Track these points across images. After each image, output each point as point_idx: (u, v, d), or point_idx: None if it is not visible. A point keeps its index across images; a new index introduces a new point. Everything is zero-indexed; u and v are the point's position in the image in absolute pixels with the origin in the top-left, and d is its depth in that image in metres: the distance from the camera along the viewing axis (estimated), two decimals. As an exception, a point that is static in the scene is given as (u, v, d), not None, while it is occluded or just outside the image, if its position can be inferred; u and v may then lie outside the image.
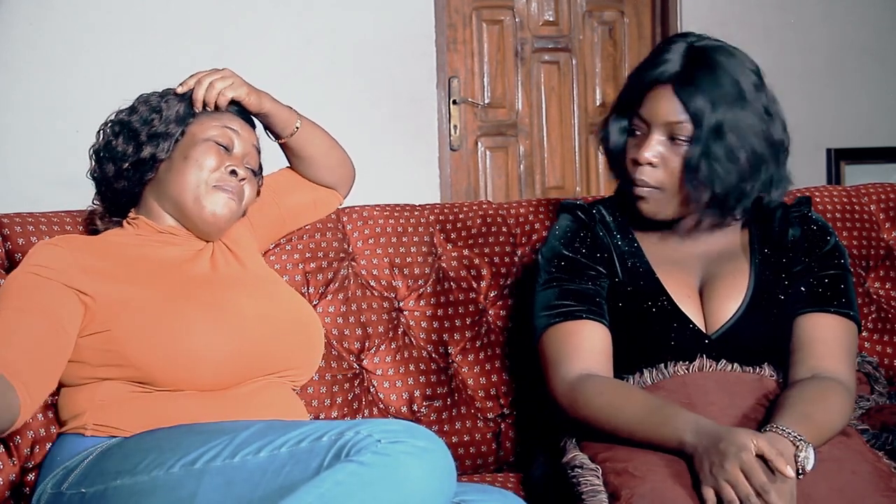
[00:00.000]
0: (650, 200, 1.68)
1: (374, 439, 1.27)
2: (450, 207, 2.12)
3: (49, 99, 3.41)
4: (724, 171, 1.62)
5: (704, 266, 1.73)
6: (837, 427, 1.57)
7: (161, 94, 1.74)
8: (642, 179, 1.67)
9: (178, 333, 1.55)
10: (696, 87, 1.62)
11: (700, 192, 1.64)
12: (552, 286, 1.73)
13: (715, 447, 1.44)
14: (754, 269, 1.71)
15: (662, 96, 1.65)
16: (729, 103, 1.61)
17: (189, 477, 1.35)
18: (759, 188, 1.66)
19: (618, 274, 1.73)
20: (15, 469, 1.59)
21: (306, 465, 1.29)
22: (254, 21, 3.70)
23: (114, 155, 1.70)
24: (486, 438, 1.96)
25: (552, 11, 4.24)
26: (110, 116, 1.74)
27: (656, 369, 1.66)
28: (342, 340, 1.92)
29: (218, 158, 1.68)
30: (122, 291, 1.57)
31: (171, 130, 1.69)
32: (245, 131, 1.74)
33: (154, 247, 1.68)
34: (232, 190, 1.68)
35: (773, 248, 1.74)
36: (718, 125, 1.61)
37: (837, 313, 1.69)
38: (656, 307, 1.68)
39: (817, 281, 1.71)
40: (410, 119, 3.91)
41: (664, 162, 1.66)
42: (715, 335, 1.67)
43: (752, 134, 1.62)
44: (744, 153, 1.62)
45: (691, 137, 1.63)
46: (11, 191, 3.33)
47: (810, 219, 1.77)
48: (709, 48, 1.67)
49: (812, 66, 4.43)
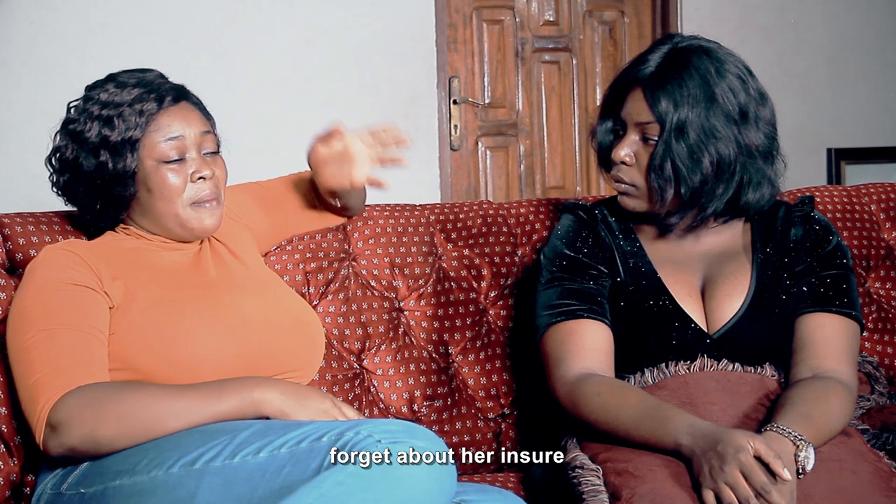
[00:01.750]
0: (629, 196, 1.73)
1: (375, 440, 1.27)
2: (450, 207, 2.12)
3: (49, 99, 3.39)
4: (687, 170, 1.64)
5: (706, 265, 1.73)
6: (838, 427, 1.57)
7: (95, 115, 1.62)
8: (618, 177, 1.72)
9: (179, 335, 1.55)
10: (663, 88, 1.65)
11: (665, 190, 1.66)
12: (554, 286, 1.73)
13: (713, 449, 1.44)
14: (756, 268, 1.72)
15: (635, 97, 1.69)
16: (693, 105, 1.63)
17: (188, 477, 1.35)
18: (733, 189, 1.66)
19: (620, 274, 1.73)
20: (15, 469, 1.59)
21: (306, 465, 1.29)
22: (254, 21, 3.70)
23: (78, 199, 1.66)
24: (487, 438, 1.96)
25: (552, 11, 4.24)
26: (49, 156, 1.65)
27: (657, 369, 1.66)
28: (342, 340, 1.92)
29: (177, 176, 1.62)
30: (126, 294, 1.57)
31: (127, 166, 1.60)
32: (189, 122, 1.64)
33: (153, 250, 1.68)
34: (209, 196, 1.65)
35: (776, 247, 1.74)
36: (680, 126, 1.63)
37: (840, 313, 1.69)
38: (658, 307, 1.69)
39: (819, 281, 1.71)
40: (411, 119, 3.91)
41: (637, 161, 1.69)
42: (716, 334, 1.68)
43: (718, 136, 1.63)
44: (707, 154, 1.63)
45: (657, 138, 1.66)
46: (11, 191, 3.33)
47: (813, 218, 1.77)
48: (689, 49, 1.68)
49: (812, 66, 4.43)
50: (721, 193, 1.66)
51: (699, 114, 1.63)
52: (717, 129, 1.63)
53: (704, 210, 1.68)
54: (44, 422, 1.42)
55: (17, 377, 1.50)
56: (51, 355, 1.47)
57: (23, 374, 1.48)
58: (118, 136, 1.60)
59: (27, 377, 1.47)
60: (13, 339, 1.52)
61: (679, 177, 1.65)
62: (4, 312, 1.63)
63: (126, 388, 1.46)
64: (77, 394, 1.43)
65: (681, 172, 1.64)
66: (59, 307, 1.51)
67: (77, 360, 1.47)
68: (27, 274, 1.59)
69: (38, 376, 1.45)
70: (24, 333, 1.50)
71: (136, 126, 1.60)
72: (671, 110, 1.64)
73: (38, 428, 1.43)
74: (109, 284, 1.57)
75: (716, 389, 1.61)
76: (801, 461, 1.46)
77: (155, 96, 1.63)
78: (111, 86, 1.65)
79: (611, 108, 1.76)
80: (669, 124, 1.64)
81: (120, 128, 1.60)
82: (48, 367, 1.46)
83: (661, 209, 1.70)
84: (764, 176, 1.68)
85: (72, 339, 1.49)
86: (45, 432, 1.42)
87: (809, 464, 1.47)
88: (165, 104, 1.63)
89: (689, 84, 1.64)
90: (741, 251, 1.75)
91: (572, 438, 1.64)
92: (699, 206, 1.68)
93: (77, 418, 1.41)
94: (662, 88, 1.65)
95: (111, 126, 1.61)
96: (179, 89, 1.68)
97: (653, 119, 1.66)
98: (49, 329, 1.49)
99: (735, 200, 1.68)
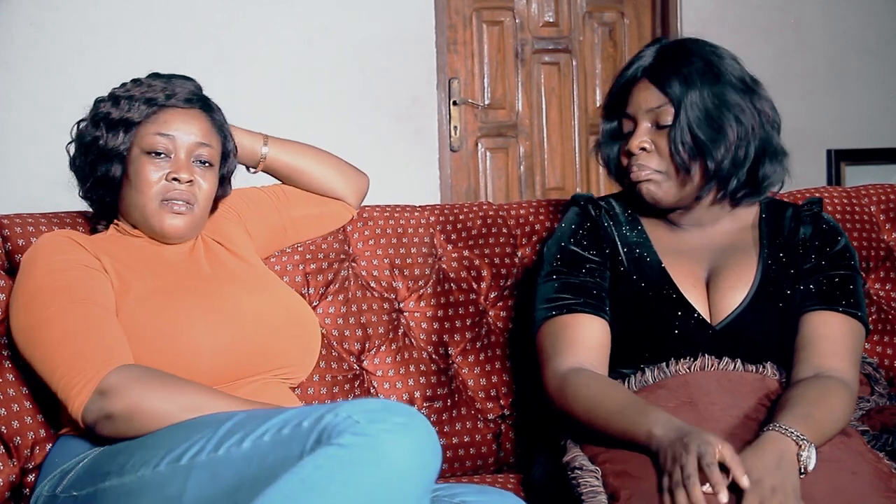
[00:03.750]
0: (652, 183, 1.71)
1: (353, 420, 1.25)
2: (450, 208, 2.11)
3: (49, 99, 3.41)
4: (711, 142, 1.66)
5: (712, 258, 1.74)
6: (838, 427, 1.57)
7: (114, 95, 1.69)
8: (640, 164, 1.71)
9: (174, 329, 1.55)
10: (670, 71, 1.69)
11: (691, 166, 1.67)
12: (552, 279, 1.74)
13: (680, 440, 1.43)
14: (762, 262, 1.72)
15: (641, 89, 1.72)
16: (703, 80, 1.67)
17: (176, 474, 1.35)
18: (752, 158, 1.68)
19: (623, 263, 1.74)
20: (15, 470, 1.59)
21: (289, 451, 1.28)
22: (254, 21, 3.70)
23: (78, 172, 1.71)
24: (487, 439, 1.96)
25: (552, 12, 4.24)
26: (72, 129, 1.72)
27: (658, 368, 1.66)
28: (342, 341, 1.92)
29: (156, 171, 1.64)
30: (121, 284, 1.58)
31: (117, 146, 1.65)
32: (189, 127, 1.67)
33: (144, 246, 1.68)
34: (178, 197, 1.65)
35: (784, 244, 1.75)
36: (695, 99, 1.66)
37: (845, 313, 1.69)
38: (661, 296, 1.69)
39: (826, 280, 1.71)
40: (410, 120, 3.91)
41: (656, 147, 1.70)
42: (719, 326, 1.68)
43: (733, 103, 1.67)
44: (728, 123, 1.66)
45: (674, 119, 1.67)
46: (11, 191, 3.33)
47: (822, 218, 1.78)
48: (682, 40, 1.77)
49: (812, 66, 4.43)
50: (742, 161, 1.67)
51: (712, 87, 1.67)
52: (732, 99, 1.67)
53: (726, 185, 1.69)
54: (93, 385, 1.44)
55: (45, 347, 1.50)
56: (91, 327, 1.49)
57: (56, 343, 1.49)
58: (119, 114, 1.66)
59: (63, 346, 1.48)
60: (29, 316, 1.53)
61: (704, 150, 1.66)
62: (4, 313, 1.63)
63: (176, 376, 1.50)
64: (131, 367, 1.47)
65: (706, 146, 1.66)
66: (82, 284, 1.54)
67: (117, 337, 1.50)
68: (28, 260, 1.60)
69: (82, 345, 1.47)
70: (46, 307, 1.51)
71: (138, 112, 1.66)
72: (682, 88, 1.67)
73: (83, 392, 1.44)
74: (108, 269, 1.59)
75: (717, 390, 1.61)
76: (803, 461, 1.46)
77: (168, 93, 1.68)
78: (148, 78, 1.72)
79: (615, 110, 1.77)
80: (686, 102, 1.66)
81: (123, 108, 1.66)
82: (92, 339, 1.48)
83: (689, 190, 1.70)
84: (778, 147, 1.71)
85: (102, 316, 1.52)
86: (91, 397, 1.44)
87: (811, 463, 1.47)
88: (173, 103, 1.67)
89: (695, 64, 1.68)
90: (748, 245, 1.75)
91: (571, 439, 1.64)
92: (721, 181, 1.69)
93: (128, 387, 1.44)
94: (669, 72, 1.68)
95: (118, 105, 1.67)
96: (201, 99, 1.72)
97: (665, 101, 1.68)
98: (77, 303, 1.51)
99: (755, 172, 1.70)
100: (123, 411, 1.43)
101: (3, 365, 1.61)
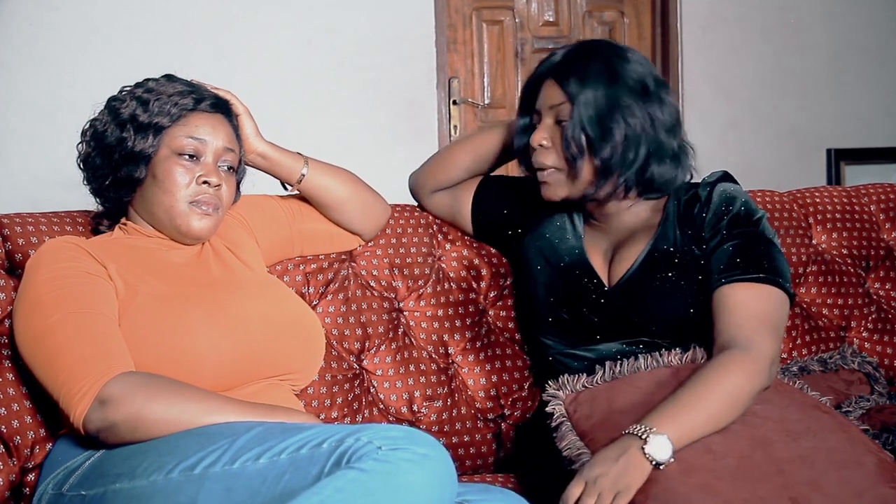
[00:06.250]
0: (549, 182, 1.79)
1: (375, 446, 1.25)
2: (450, 208, 2.11)
3: (49, 99, 3.41)
4: (598, 140, 1.73)
5: (617, 237, 1.84)
6: (737, 405, 1.58)
7: (136, 96, 1.69)
8: (538, 161, 1.79)
9: (179, 334, 1.55)
10: (571, 70, 1.76)
11: (579, 160, 1.74)
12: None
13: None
14: (654, 238, 1.79)
15: (547, 87, 1.79)
16: (599, 80, 1.74)
17: (188, 483, 1.34)
18: (641, 159, 1.74)
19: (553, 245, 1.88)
20: (15, 469, 1.59)
21: (306, 472, 1.27)
22: (254, 21, 3.70)
23: (94, 171, 1.70)
24: (487, 439, 1.96)
25: (552, 12, 4.24)
26: (85, 126, 1.72)
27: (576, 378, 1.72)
28: (342, 341, 1.92)
29: (187, 174, 1.66)
30: (127, 289, 1.58)
31: (145, 148, 1.65)
32: (216, 132, 1.69)
33: (152, 248, 1.68)
34: (208, 200, 1.66)
35: (682, 224, 1.78)
36: (589, 98, 1.73)
37: (752, 280, 1.70)
38: (576, 266, 1.83)
39: (731, 250, 1.73)
40: (410, 119, 3.91)
41: (554, 144, 1.77)
42: (610, 288, 1.79)
43: (624, 107, 1.73)
44: (616, 124, 1.72)
45: (570, 116, 1.75)
46: (11, 191, 3.33)
47: (716, 190, 1.80)
48: (592, 41, 1.87)
49: (812, 66, 4.43)
50: (631, 161, 1.74)
51: (606, 88, 1.73)
52: (623, 101, 1.73)
53: (618, 181, 1.76)
54: (93, 394, 1.43)
55: (47, 355, 1.49)
56: (93, 335, 1.49)
57: (57, 351, 1.48)
58: (148, 118, 1.66)
59: (64, 354, 1.47)
60: (31, 324, 1.52)
61: (592, 147, 1.73)
62: (4, 313, 1.63)
63: (178, 381, 1.49)
64: (132, 375, 1.46)
65: (594, 142, 1.73)
66: (84, 292, 1.53)
67: (119, 345, 1.50)
68: (31, 267, 1.59)
69: (82, 352, 1.47)
70: (48, 317, 1.51)
71: (168, 115, 1.66)
72: (578, 87, 1.74)
73: (83, 400, 1.44)
74: (113, 276, 1.58)
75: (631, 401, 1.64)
76: (648, 455, 1.48)
77: (195, 97, 1.69)
78: (164, 79, 1.72)
79: (527, 106, 1.85)
80: (580, 100, 1.73)
81: (152, 111, 1.66)
82: (93, 346, 1.47)
83: (580, 186, 1.77)
84: (669, 150, 1.76)
85: (104, 324, 1.51)
86: (91, 405, 1.43)
87: (661, 454, 1.48)
88: (202, 107, 1.69)
89: (594, 65, 1.75)
90: (651, 227, 1.82)
91: (567, 422, 1.65)
92: (613, 177, 1.75)
93: (129, 396, 1.43)
94: (570, 71, 1.76)
95: (146, 107, 1.67)
96: (223, 103, 1.74)
97: (564, 99, 1.75)
98: (79, 312, 1.50)
99: (643, 172, 1.75)
100: (126, 420, 1.43)
101: (3, 365, 1.61)
